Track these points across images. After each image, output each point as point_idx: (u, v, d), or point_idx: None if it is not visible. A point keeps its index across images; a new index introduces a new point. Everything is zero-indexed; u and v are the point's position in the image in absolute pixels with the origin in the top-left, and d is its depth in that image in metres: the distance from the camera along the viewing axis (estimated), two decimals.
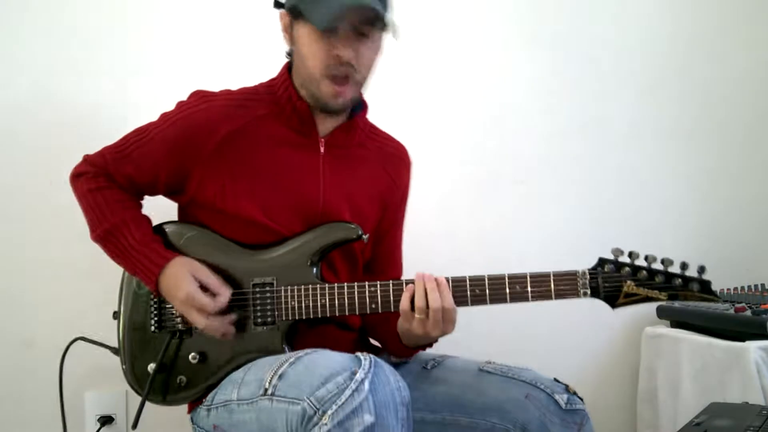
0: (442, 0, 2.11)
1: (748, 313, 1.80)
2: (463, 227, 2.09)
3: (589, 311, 1.36)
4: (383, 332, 1.47)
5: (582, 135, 2.17)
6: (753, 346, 1.72)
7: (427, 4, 2.09)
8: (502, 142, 2.12)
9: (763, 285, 2.05)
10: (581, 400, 1.32)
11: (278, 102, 1.42)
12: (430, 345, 1.42)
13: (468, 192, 2.10)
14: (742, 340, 1.76)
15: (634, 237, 2.15)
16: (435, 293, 1.27)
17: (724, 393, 1.77)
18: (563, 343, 2.10)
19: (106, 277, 1.51)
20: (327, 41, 1.32)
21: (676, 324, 2.02)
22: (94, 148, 1.47)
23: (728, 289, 2.01)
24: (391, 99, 1.91)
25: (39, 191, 1.81)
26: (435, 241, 2.01)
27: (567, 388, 1.32)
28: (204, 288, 1.33)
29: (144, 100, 1.82)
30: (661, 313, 2.06)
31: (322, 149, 1.43)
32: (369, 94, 1.49)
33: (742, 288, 2.01)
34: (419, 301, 1.27)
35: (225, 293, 1.34)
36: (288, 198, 1.39)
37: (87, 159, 1.47)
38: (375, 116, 1.53)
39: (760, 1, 2.31)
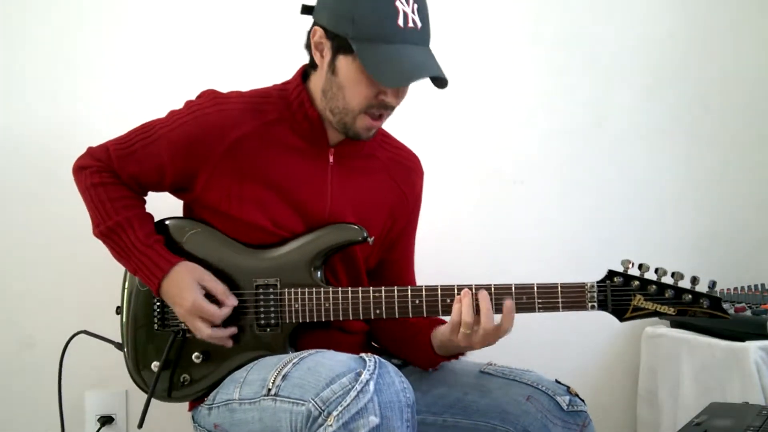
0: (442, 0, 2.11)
1: (748, 313, 1.80)
2: (463, 227, 2.08)
3: (589, 312, 1.36)
4: (410, 349, 1.43)
5: (583, 135, 2.17)
6: (753, 346, 1.72)
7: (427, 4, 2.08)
8: (502, 142, 2.12)
9: (763, 285, 2.05)
10: (583, 401, 1.32)
11: (290, 107, 1.38)
12: (463, 354, 1.40)
13: (468, 192, 2.10)
14: (742, 340, 1.76)
15: (634, 237, 2.15)
16: (491, 313, 1.25)
17: (724, 393, 1.77)
18: (563, 343, 2.10)
19: (107, 276, 1.50)
20: (377, 87, 1.28)
21: (676, 324, 2.02)
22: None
23: (728, 289, 2.00)
24: None
25: (39, 191, 1.82)
26: (435, 241, 2.00)
27: (569, 390, 1.32)
28: (208, 295, 1.32)
29: (147, 100, 1.83)
30: None
31: (331, 159, 1.40)
32: None
33: (742, 288, 2.00)
34: (467, 317, 1.25)
35: (230, 302, 1.33)
36: (294, 207, 1.37)
37: (90, 152, 1.44)
38: None
39: (760, 0, 2.31)
